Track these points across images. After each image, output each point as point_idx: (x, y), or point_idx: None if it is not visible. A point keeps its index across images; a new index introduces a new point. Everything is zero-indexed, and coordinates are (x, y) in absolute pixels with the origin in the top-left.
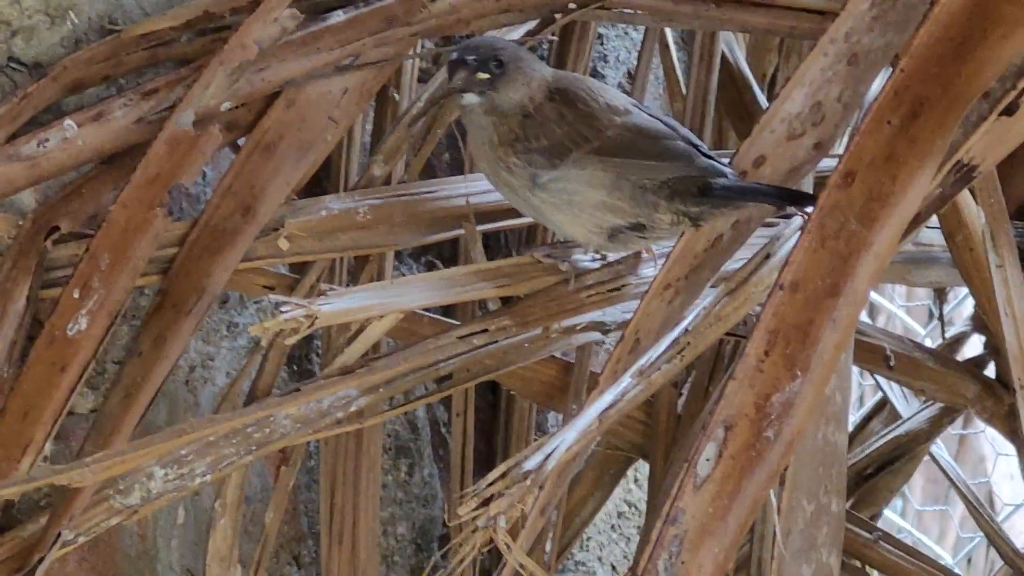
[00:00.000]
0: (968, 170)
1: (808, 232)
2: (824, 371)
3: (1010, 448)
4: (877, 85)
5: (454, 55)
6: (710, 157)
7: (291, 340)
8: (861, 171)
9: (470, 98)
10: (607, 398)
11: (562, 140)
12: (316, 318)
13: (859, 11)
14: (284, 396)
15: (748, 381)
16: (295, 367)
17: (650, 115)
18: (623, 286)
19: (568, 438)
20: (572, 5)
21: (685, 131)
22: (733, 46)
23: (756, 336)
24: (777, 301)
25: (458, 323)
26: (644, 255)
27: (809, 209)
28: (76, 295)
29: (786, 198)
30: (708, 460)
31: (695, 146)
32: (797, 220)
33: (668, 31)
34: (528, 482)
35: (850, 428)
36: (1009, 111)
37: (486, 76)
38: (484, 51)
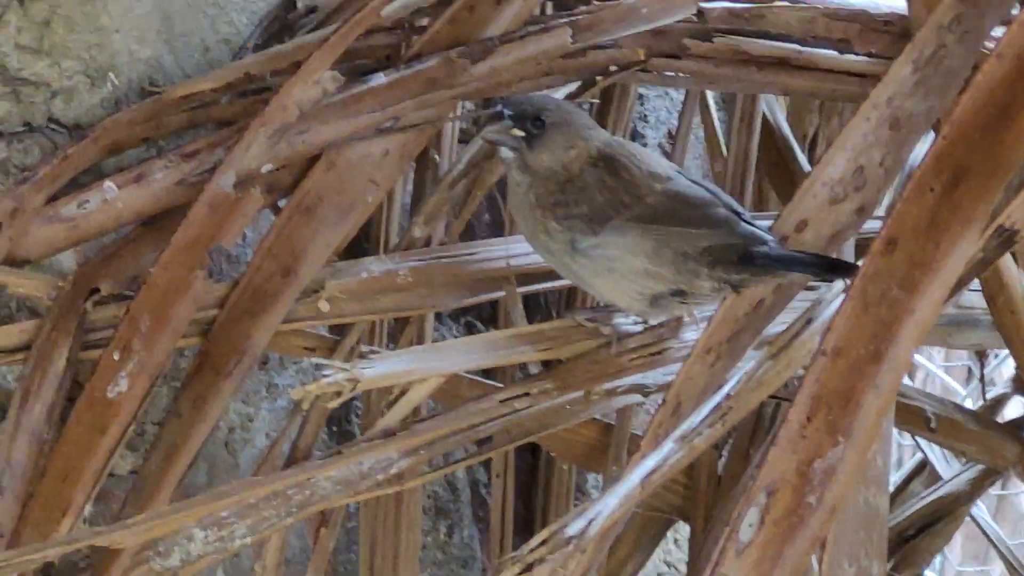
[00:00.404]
0: (1010, 235)
1: (850, 298)
2: (866, 437)
3: None
4: (919, 150)
5: (497, 106)
6: (751, 224)
7: (333, 404)
8: (903, 238)
9: (505, 152)
10: (649, 463)
11: (603, 207)
12: (358, 382)
13: (902, 76)
14: (326, 459)
15: (791, 447)
16: (335, 428)
17: (692, 181)
18: (665, 349)
19: (610, 503)
20: (613, 67)
21: (726, 197)
22: (774, 107)
23: (799, 402)
24: (819, 367)
25: (500, 385)
26: (686, 319)
27: (849, 280)
28: (116, 357)
29: (827, 268)
30: (751, 526)
31: (736, 212)
32: (839, 284)
33: (709, 92)
34: (571, 547)
35: (890, 489)
36: None
37: (521, 134)
38: (526, 107)
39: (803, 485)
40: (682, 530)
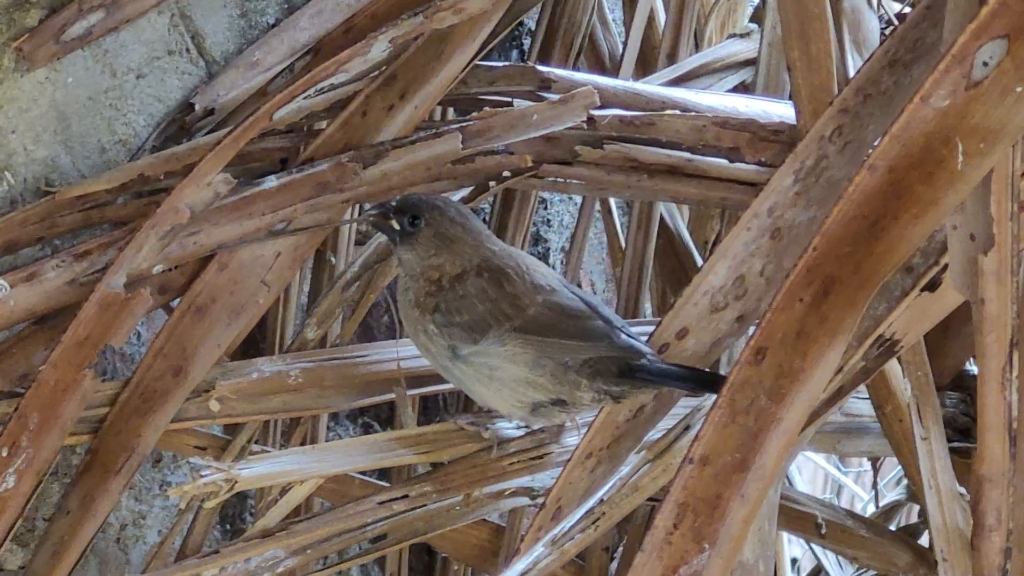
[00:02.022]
0: (890, 344)
1: (718, 407)
2: (732, 544)
3: None
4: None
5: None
6: (630, 335)
7: (211, 503)
8: (772, 347)
9: (386, 240)
10: (519, 566)
11: (484, 316)
12: (235, 482)
13: (783, 186)
14: (204, 557)
15: (657, 553)
16: (228, 526)
17: (573, 293)
18: (546, 454)
19: None
20: (506, 173)
21: (605, 309)
22: (675, 213)
23: (665, 508)
24: (686, 474)
25: (387, 485)
26: (567, 424)
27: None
28: (4, 453)
29: (702, 382)
30: None
31: (615, 326)
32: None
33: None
34: None
35: None
36: (932, 287)
37: (397, 227)
38: (410, 205)
39: None
40: None
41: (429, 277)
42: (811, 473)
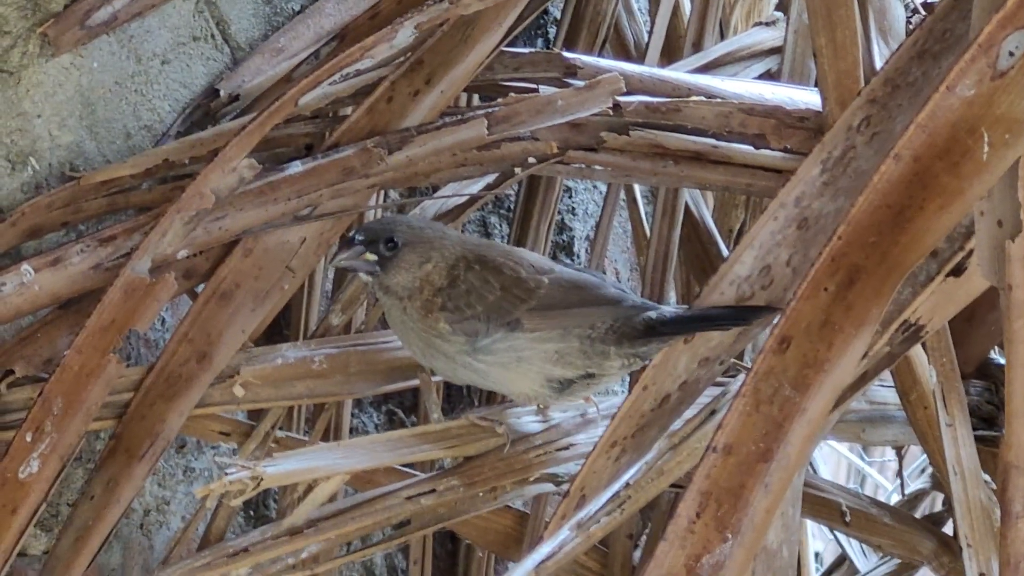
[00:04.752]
0: (916, 329)
1: (742, 396)
2: (755, 534)
3: None
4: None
5: (350, 233)
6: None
7: (236, 501)
8: (797, 337)
9: (364, 276)
10: (544, 550)
11: (498, 303)
12: (261, 480)
13: (810, 176)
14: (233, 556)
15: (679, 542)
16: (251, 512)
17: (575, 269)
18: (570, 446)
19: None
20: (532, 159)
21: (612, 280)
22: (699, 201)
23: (688, 497)
24: (710, 463)
25: (415, 474)
26: (591, 411)
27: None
28: (28, 438)
29: (726, 319)
30: None
31: (624, 290)
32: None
33: (636, 185)
34: None
35: None
36: (957, 272)
37: (374, 258)
38: (377, 231)
39: None
40: None
41: (430, 283)
42: (835, 464)
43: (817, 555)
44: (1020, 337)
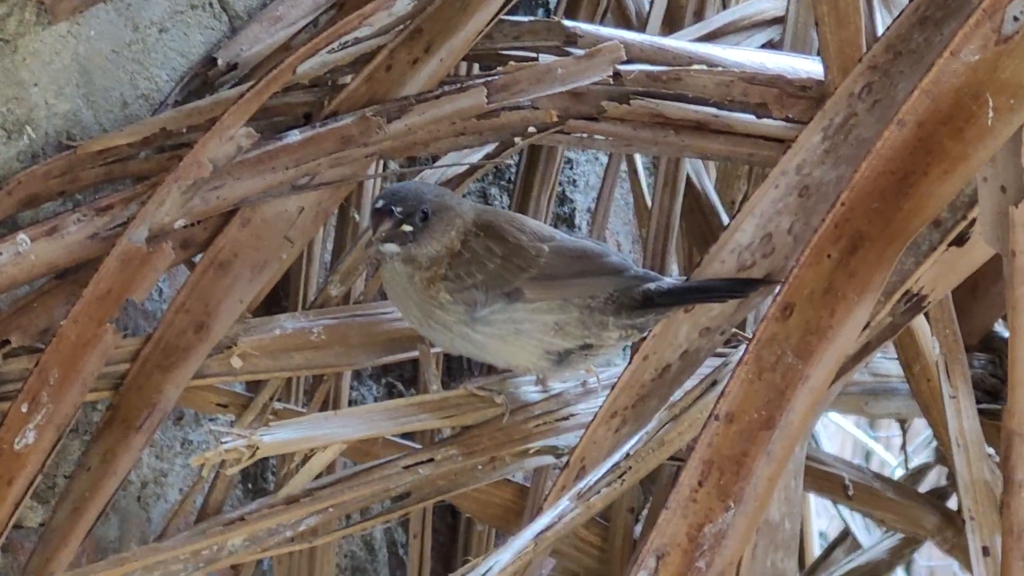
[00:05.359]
0: (918, 299)
1: (744, 364)
2: (758, 503)
3: None
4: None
5: (380, 203)
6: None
7: (233, 470)
8: (799, 304)
9: (390, 247)
10: (544, 520)
11: (499, 272)
12: (257, 449)
13: (811, 144)
14: (228, 526)
15: (681, 511)
16: (250, 485)
17: (576, 238)
18: (570, 416)
19: (503, 559)
20: (532, 128)
21: (614, 250)
22: (701, 172)
23: (690, 466)
24: (712, 432)
25: (413, 446)
26: (591, 381)
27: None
28: (24, 409)
29: (724, 291)
30: None
31: (626, 261)
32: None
33: (638, 156)
34: None
35: (815, 556)
36: (960, 241)
37: (410, 229)
38: (411, 202)
39: (693, 549)
40: None
41: (451, 251)
42: (840, 439)
43: (822, 534)
44: None
